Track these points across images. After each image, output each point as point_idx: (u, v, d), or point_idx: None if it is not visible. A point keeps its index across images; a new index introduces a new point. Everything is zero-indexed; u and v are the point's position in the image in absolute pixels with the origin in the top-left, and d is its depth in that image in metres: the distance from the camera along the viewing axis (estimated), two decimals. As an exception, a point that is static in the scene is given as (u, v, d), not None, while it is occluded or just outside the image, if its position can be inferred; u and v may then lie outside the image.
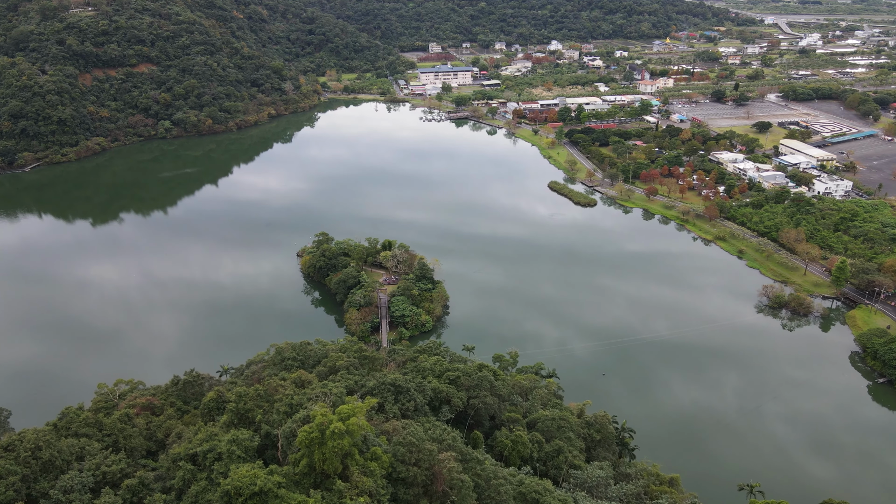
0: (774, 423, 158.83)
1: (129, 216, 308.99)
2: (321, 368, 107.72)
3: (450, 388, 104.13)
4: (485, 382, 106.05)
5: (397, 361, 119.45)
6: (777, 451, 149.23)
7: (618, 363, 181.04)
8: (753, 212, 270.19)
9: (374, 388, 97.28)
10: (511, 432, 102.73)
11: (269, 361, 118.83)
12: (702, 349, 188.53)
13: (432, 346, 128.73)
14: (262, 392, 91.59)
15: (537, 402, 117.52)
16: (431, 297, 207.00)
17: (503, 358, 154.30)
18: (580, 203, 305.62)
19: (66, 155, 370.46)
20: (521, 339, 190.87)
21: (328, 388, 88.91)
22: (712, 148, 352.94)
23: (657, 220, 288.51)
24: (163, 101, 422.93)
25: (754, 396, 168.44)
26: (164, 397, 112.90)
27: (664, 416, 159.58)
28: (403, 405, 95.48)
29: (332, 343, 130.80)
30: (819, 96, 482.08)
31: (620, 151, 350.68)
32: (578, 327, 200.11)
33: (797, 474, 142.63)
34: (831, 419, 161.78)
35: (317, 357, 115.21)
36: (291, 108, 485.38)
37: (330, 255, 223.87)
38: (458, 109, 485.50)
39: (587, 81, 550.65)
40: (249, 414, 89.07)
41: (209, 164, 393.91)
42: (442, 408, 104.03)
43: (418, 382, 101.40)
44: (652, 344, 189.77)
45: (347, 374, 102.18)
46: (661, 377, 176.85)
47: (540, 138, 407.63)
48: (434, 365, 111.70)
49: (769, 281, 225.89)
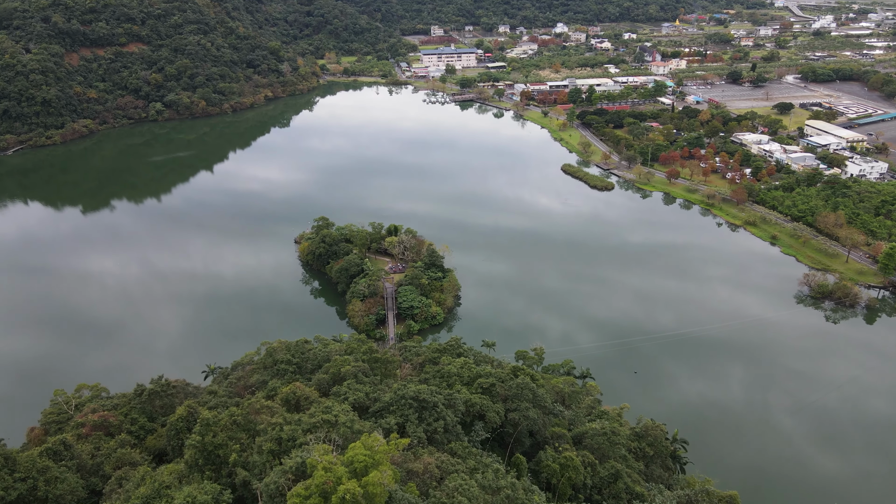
0: (831, 424, 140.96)
1: (120, 204, 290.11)
2: (322, 376, 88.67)
3: (484, 400, 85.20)
4: (526, 392, 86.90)
5: (414, 364, 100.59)
6: (842, 456, 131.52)
7: (649, 361, 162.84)
8: (785, 195, 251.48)
9: (391, 403, 77.95)
10: (558, 452, 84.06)
11: (258, 364, 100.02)
12: (741, 345, 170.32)
13: (454, 345, 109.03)
14: (239, 418, 69.15)
15: (581, 412, 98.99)
16: (442, 286, 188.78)
17: (527, 355, 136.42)
18: (596, 187, 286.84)
19: (52, 138, 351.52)
20: (540, 333, 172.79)
21: (332, 412, 67.80)
22: (734, 129, 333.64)
23: (679, 205, 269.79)
24: (154, 81, 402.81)
25: (806, 393, 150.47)
26: (125, 411, 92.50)
27: (707, 420, 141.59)
28: (429, 425, 76.14)
29: (335, 341, 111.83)
30: (840, 77, 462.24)
31: (636, 133, 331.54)
32: (602, 322, 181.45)
33: (880, 485, 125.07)
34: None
35: (316, 360, 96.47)
36: (289, 90, 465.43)
37: (330, 242, 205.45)
38: (462, 92, 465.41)
39: (596, 63, 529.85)
40: (220, 451, 66.23)
41: (203, 149, 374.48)
42: (474, 425, 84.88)
43: (447, 394, 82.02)
44: (685, 340, 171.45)
45: (356, 384, 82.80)
46: (698, 377, 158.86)
47: (550, 120, 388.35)
48: (461, 369, 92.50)
49: (806, 269, 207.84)
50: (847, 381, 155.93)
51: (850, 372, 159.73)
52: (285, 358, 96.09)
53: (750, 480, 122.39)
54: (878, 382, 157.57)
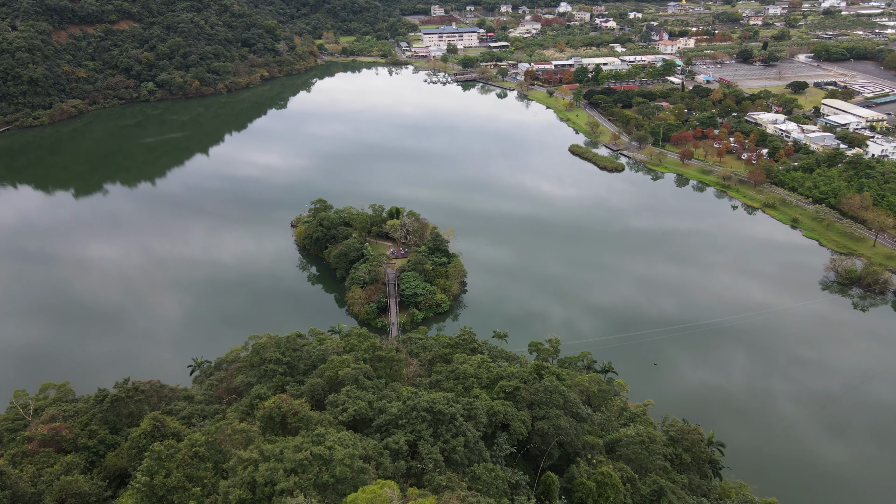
0: (874, 418, 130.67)
1: (114, 188, 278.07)
2: (316, 380, 76.87)
3: (508, 408, 73.64)
4: (555, 396, 75.91)
5: (422, 360, 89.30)
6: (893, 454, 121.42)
7: (667, 354, 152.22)
8: (805, 176, 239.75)
9: (399, 415, 65.79)
10: (592, 466, 73.07)
11: (244, 362, 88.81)
12: (766, 336, 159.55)
13: (467, 338, 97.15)
14: (203, 450, 55.88)
15: (612, 415, 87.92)
16: (447, 272, 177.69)
17: (542, 346, 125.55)
18: (606, 168, 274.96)
19: (39, 118, 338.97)
20: (552, 322, 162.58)
21: (325, 441, 53.43)
22: (748, 108, 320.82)
23: (692, 187, 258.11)
24: (145, 60, 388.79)
25: (841, 386, 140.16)
26: (85, 420, 79.59)
27: (734, 417, 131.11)
28: (447, 442, 64.27)
29: (332, 332, 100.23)
30: (854, 56, 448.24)
31: (646, 113, 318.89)
32: (616, 311, 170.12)
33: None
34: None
35: (310, 359, 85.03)
36: (286, 70, 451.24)
37: (329, 225, 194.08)
38: (464, 71, 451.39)
39: (602, 42, 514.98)
40: (175, 497, 53.23)
41: (197, 130, 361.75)
42: (497, 437, 73.12)
43: (466, 403, 69.81)
44: (706, 331, 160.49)
45: (356, 391, 71.11)
46: (722, 371, 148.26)
47: (556, 100, 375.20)
48: (479, 369, 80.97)
49: (830, 253, 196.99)
50: (884, 373, 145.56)
51: (889, 363, 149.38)
52: (274, 356, 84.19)
53: (787, 482, 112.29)
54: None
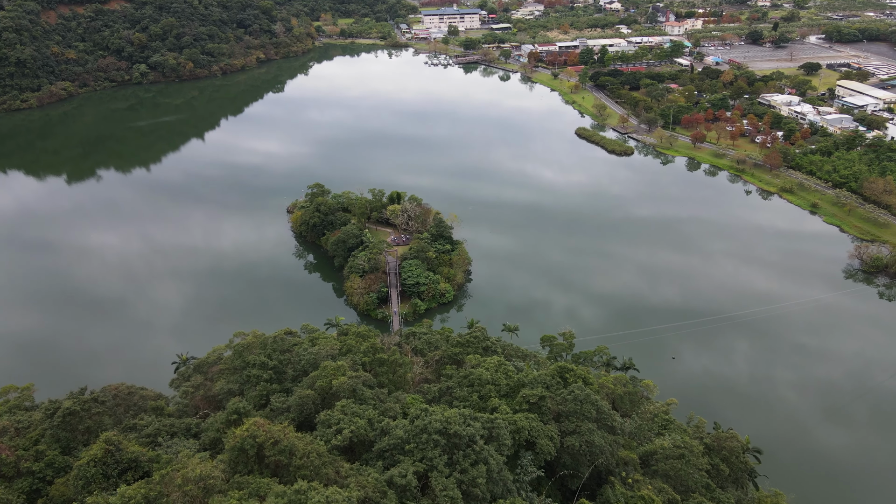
0: None
1: (107, 173, 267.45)
2: (306, 392, 66.23)
3: (533, 422, 62.96)
4: (587, 407, 65.51)
5: (428, 360, 79.59)
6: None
7: (684, 348, 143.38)
8: (823, 159, 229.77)
9: (406, 439, 55.19)
10: (628, 487, 63.36)
11: (226, 364, 79.16)
12: (790, 327, 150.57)
13: (479, 336, 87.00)
14: (152, 499, 45.83)
15: (644, 423, 78.42)
16: (451, 260, 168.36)
17: (555, 341, 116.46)
18: (614, 151, 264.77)
19: (27, 101, 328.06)
20: (561, 313, 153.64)
21: (309, 502, 42.48)
22: (760, 90, 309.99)
23: (704, 171, 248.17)
24: (137, 41, 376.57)
25: (877, 384, 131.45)
26: (35, 437, 68.46)
27: (766, 415, 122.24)
28: (465, 472, 53.46)
29: (328, 328, 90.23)
30: (867, 37, 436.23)
31: (655, 95, 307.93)
32: (628, 302, 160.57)
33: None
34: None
35: (300, 364, 74.77)
36: (283, 52, 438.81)
37: (326, 210, 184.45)
38: (466, 53, 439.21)
39: (607, 24, 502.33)
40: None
41: (192, 114, 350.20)
42: (521, 457, 62.21)
43: (487, 421, 58.21)
44: (725, 324, 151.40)
45: (353, 406, 60.45)
46: (745, 364, 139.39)
47: (561, 82, 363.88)
48: (497, 374, 70.67)
49: (850, 240, 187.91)
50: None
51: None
52: (259, 360, 73.94)
53: (825, 488, 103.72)
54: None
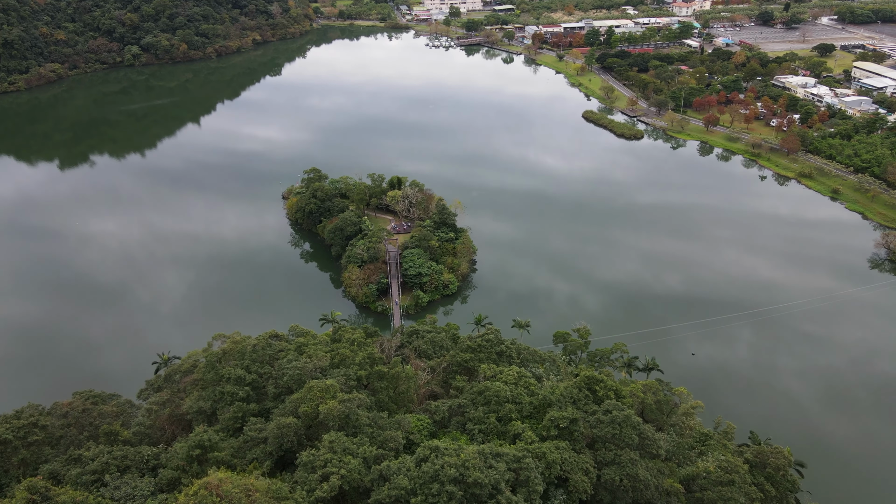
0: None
1: (100, 159, 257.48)
2: (286, 421, 55.13)
3: (565, 453, 52.24)
4: (627, 432, 54.37)
5: (434, 367, 70.01)
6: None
7: (706, 343, 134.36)
8: (843, 143, 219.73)
9: (411, 490, 44.36)
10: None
11: (200, 374, 69.12)
12: (817, 324, 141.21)
13: (493, 339, 76.39)
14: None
15: (684, 441, 68.80)
16: (455, 249, 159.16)
17: (569, 337, 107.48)
18: (623, 135, 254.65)
19: (15, 83, 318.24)
20: (571, 307, 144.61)
21: None
22: (774, 72, 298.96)
23: (717, 155, 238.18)
24: (129, 22, 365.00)
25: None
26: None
27: (799, 421, 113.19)
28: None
29: (316, 336, 78.98)
30: (881, 18, 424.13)
31: (665, 77, 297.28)
32: (642, 295, 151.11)
33: None
34: None
35: (282, 381, 63.91)
36: (279, 33, 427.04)
37: (323, 197, 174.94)
38: (468, 35, 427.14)
39: (613, 5, 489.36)
40: None
41: (186, 97, 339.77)
42: (552, 497, 51.57)
43: (512, 460, 46.57)
44: (747, 322, 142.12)
45: (345, 440, 49.49)
46: (772, 363, 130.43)
47: (566, 64, 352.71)
48: (517, 389, 60.20)
49: (872, 227, 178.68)
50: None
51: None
52: (235, 374, 63.01)
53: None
54: None
